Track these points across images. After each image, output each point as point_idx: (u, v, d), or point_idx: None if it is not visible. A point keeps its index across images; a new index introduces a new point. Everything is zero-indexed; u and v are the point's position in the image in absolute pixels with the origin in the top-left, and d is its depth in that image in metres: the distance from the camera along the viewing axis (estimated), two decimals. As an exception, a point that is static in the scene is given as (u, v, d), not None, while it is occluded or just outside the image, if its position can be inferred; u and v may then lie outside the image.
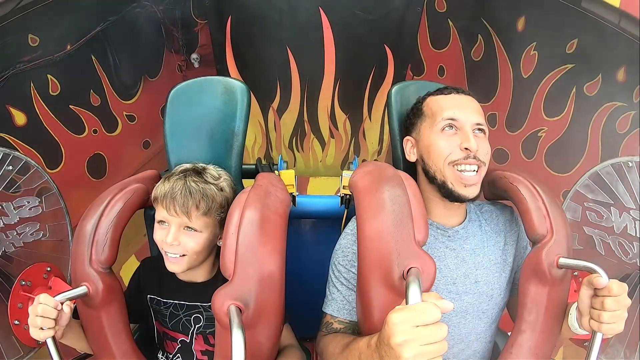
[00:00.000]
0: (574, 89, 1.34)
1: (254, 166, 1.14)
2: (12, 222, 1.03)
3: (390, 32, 2.01)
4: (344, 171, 1.10)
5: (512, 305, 0.85)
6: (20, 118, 1.18)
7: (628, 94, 1.16)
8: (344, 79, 2.16)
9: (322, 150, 2.42)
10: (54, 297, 0.69)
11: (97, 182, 1.50)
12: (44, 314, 0.67)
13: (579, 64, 1.32)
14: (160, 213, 0.80)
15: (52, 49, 1.27)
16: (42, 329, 0.67)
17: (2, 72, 1.11)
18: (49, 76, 1.27)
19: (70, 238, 1.11)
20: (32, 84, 1.21)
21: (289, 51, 2.06)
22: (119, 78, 1.60)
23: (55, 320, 0.68)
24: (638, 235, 1.06)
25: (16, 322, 0.95)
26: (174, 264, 0.80)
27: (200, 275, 0.87)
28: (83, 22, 1.41)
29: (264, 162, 1.16)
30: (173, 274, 0.86)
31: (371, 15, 1.94)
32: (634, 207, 1.08)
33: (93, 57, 1.46)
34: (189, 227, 0.79)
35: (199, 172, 0.85)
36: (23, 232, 1.05)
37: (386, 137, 2.38)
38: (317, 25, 1.98)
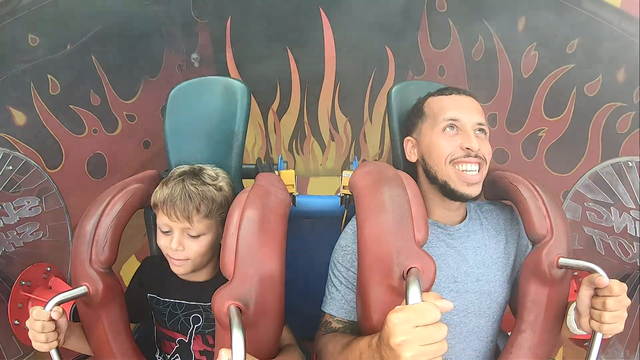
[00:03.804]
0: (575, 89, 1.34)
1: (254, 166, 1.14)
2: (12, 222, 1.03)
3: (391, 33, 2.01)
4: (344, 171, 1.10)
5: (515, 303, 0.85)
6: (20, 118, 1.18)
7: (628, 94, 1.17)
8: (344, 80, 2.15)
9: (323, 154, 2.42)
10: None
11: (97, 182, 1.50)
12: (44, 329, 0.67)
13: (579, 64, 1.32)
14: (161, 219, 0.80)
15: (52, 49, 1.27)
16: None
17: (2, 72, 1.11)
18: (49, 76, 1.27)
19: (70, 238, 1.12)
20: (32, 84, 1.21)
21: (289, 52, 2.06)
22: (119, 78, 1.60)
23: (56, 329, 0.69)
24: (638, 235, 1.06)
25: (16, 322, 0.95)
26: (179, 267, 0.80)
27: (201, 275, 0.87)
28: (83, 21, 1.41)
29: (263, 162, 1.16)
30: (173, 273, 0.86)
31: (372, 15, 1.93)
32: (634, 207, 1.08)
33: (93, 57, 1.46)
34: (191, 232, 0.79)
35: (196, 174, 0.84)
36: (23, 232, 1.05)
37: (387, 139, 2.38)
38: (317, 25, 1.98)
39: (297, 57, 2.08)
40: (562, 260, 0.71)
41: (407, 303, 0.54)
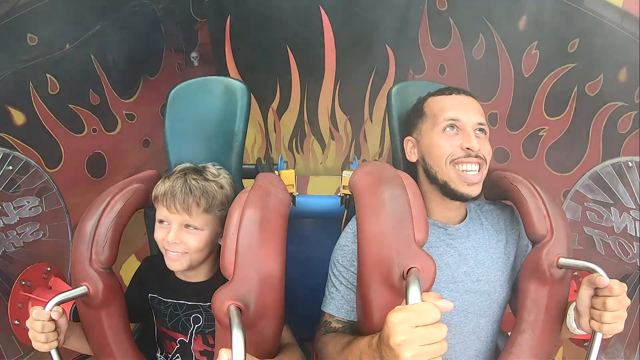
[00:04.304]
0: (576, 89, 1.34)
1: (254, 166, 1.14)
2: (12, 222, 1.03)
3: (391, 32, 2.00)
4: (344, 171, 1.10)
5: (515, 303, 0.85)
6: (19, 118, 1.18)
7: (630, 94, 1.16)
8: (344, 79, 2.15)
9: (323, 152, 2.42)
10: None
11: (97, 181, 1.50)
12: (44, 329, 0.67)
13: (580, 64, 1.32)
14: (161, 212, 0.80)
15: (51, 48, 1.27)
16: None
17: (1, 71, 1.10)
18: (48, 75, 1.26)
19: (70, 238, 1.11)
20: (31, 84, 1.20)
21: (289, 50, 2.06)
22: (118, 77, 1.59)
23: (56, 329, 0.69)
24: (638, 235, 1.06)
25: (16, 322, 0.95)
26: (175, 261, 0.80)
27: (200, 275, 0.87)
28: (82, 20, 1.40)
29: (263, 162, 1.16)
30: (174, 274, 0.86)
31: (372, 14, 1.93)
32: (634, 207, 1.08)
33: (92, 56, 1.46)
34: (190, 225, 0.80)
35: (198, 171, 0.85)
36: (23, 232, 1.05)
37: (387, 138, 2.37)
38: (317, 24, 1.98)
39: (297, 56, 2.08)
40: (562, 260, 0.72)
41: (407, 303, 0.54)
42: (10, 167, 1.03)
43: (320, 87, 2.17)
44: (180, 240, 0.79)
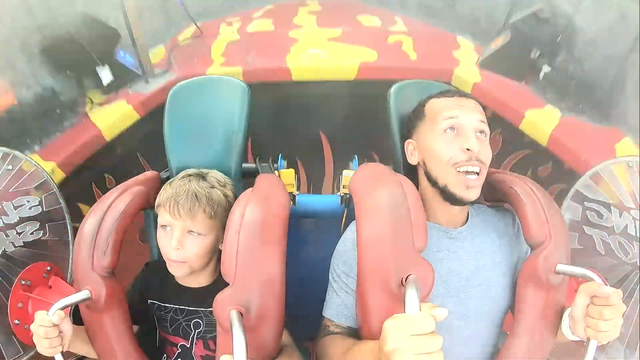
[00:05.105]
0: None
1: (254, 165, 1.13)
2: (12, 222, 1.03)
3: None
4: (344, 170, 1.10)
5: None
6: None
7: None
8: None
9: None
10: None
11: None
12: (47, 335, 0.68)
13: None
14: (163, 217, 0.80)
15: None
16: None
17: None
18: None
19: (70, 237, 1.11)
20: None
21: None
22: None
23: (60, 334, 0.70)
24: (638, 235, 1.06)
25: (16, 321, 0.96)
26: (177, 268, 0.80)
27: (201, 280, 0.87)
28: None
29: (263, 161, 1.15)
30: (174, 279, 0.86)
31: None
32: (634, 207, 1.07)
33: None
34: (193, 231, 0.79)
35: (203, 177, 0.85)
36: (23, 232, 1.05)
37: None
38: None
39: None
40: (560, 267, 0.71)
41: (404, 311, 0.55)
42: (10, 167, 1.03)
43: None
44: (182, 246, 0.79)
